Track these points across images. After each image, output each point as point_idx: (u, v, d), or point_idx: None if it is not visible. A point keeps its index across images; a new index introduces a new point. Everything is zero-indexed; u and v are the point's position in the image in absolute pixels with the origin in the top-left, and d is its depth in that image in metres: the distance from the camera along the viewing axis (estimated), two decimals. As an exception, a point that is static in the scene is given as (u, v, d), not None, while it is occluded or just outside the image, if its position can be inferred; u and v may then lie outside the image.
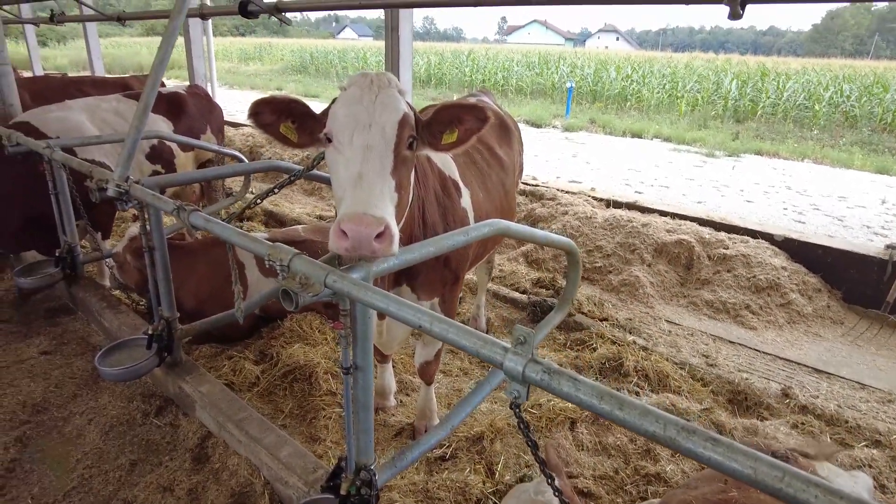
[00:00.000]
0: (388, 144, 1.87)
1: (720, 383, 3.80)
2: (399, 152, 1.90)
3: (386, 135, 1.88)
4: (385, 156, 1.86)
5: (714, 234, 5.76)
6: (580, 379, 1.20)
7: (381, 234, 1.67)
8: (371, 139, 1.85)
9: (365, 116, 1.87)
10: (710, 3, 1.66)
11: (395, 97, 1.94)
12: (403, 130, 1.91)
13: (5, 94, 4.95)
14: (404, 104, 1.97)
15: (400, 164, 1.90)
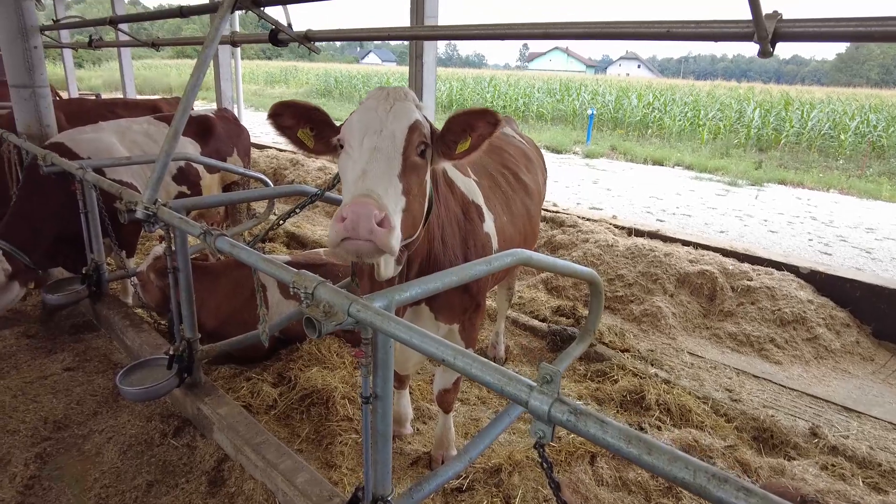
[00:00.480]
0: (396, 148, 1.88)
1: (744, 419, 3.70)
2: (408, 157, 1.89)
3: (395, 139, 1.89)
4: (392, 158, 1.86)
5: (737, 266, 5.67)
6: (607, 421, 1.17)
7: (381, 221, 1.64)
8: (380, 142, 1.87)
9: (377, 123, 1.91)
10: (740, 40, 1.66)
11: (408, 107, 1.97)
12: (413, 135, 1.91)
13: (42, 116, 5.10)
14: (417, 113, 1.99)
15: (409, 169, 1.89)
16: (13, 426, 3.24)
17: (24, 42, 4.86)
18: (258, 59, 67.05)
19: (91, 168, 3.86)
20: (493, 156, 3.24)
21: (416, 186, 1.93)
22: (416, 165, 1.93)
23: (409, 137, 1.90)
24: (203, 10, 4.30)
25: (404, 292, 1.82)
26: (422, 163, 1.97)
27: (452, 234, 2.44)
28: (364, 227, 1.61)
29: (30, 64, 4.95)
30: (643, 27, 1.98)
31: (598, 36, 2.05)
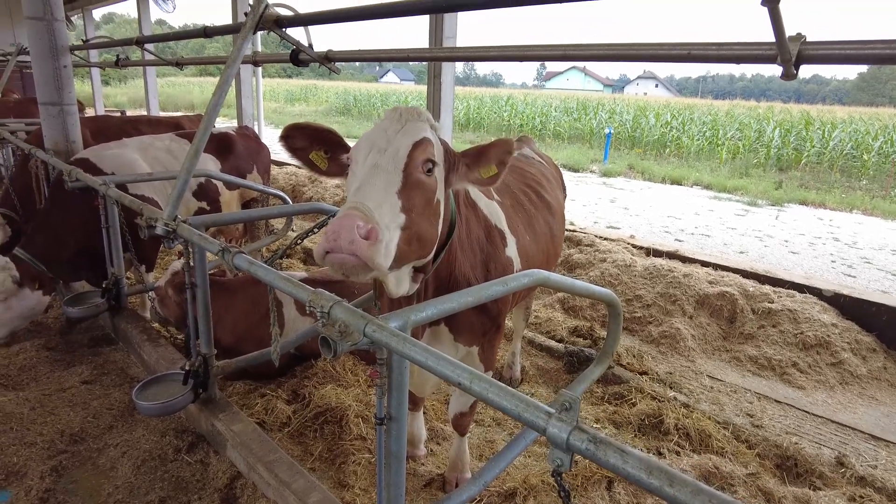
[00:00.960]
0: (397, 164, 1.84)
1: (767, 446, 3.60)
2: (410, 173, 1.84)
3: (398, 156, 1.85)
4: (392, 174, 1.81)
5: (758, 287, 5.57)
6: (628, 451, 1.14)
7: (367, 233, 1.57)
8: (381, 159, 1.84)
9: (383, 141, 1.90)
10: (763, 63, 1.64)
11: (417, 126, 1.95)
12: (417, 152, 1.87)
13: (69, 132, 5.22)
14: (427, 132, 1.96)
15: (411, 186, 1.83)
16: (31, 438, 3.27)
17: (55, 61, 5.00)
18: (279, 78, 68.29)
19: (114, 184, 3.93)
20: (514, 175, 3.24)
21: (420, 204, 1.86)
22: (420, 183, 1.87)
23: (412, 154, 1.87)
24: (226, 31, 4.39)
25: (420, 312, 1.81)
26: (428, 181, 1.90)
27: (473, 257, 2.42)
28: (345, 239, 1.54)
29: (59, 82, 5.08)
30: (663, 49, 1.97)
31: (618, 58, 2.04)
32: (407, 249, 1.82)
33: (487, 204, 2.65)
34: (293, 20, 3.04)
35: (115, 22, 75.16)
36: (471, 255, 2.42)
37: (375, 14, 2.65)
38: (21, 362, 4.11)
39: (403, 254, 1.80)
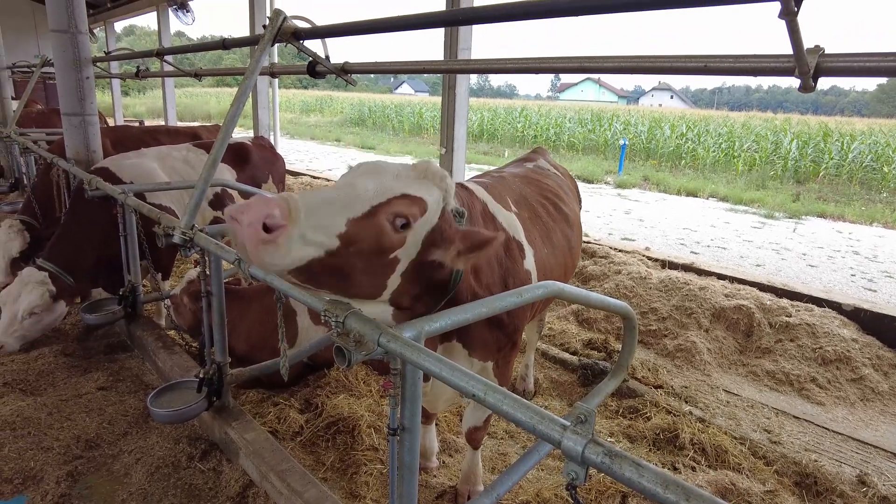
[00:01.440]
0: (372, 198, 1.66)
1: (785, 463, 3.53)
2: (376, 213, 1.65)
3: (380, 192, 1.69)
4: (359, 202, 1.64)
5: (775, 301, 5.50)
6: (644, 464, 1.13)
7: (272, 227, 1.42)
8: (363, 183, 1.70)
9: (386, 174, 1.79)
10: (781, 75, 1.63)
11: (428, 187, 1.81)
12: (400, 203, 1.69)
13: (90, 142, 5.32)
14: (431, 197, 1.78)
15: (367, 225, 1.63)
16: (47, 443, 3.30)
17: (78, 72, 5.10)
18: (294, 89, 69.08)
19: (132, 193, 3.99)
20: (532, 187, 3.24)
21: (366, 248, 1.65)
22: (380, 229, 1.65)
23: (395, 200, 1.69)
24: (244, 43, 4.46)
25: (434, 322, 1.81)
26: (391, 234, 1.68)
27: (491, 274, 2.39)
28: (249, 217, 1.39)
29: (81, 93, 5.18)
30: (680, 61, 1.96)
31: (635, 70, 2.04)
32: (326, 279, 1.65)
33: (506, 216, 2.65)
34: (311, 32, 3.08)
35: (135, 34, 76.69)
36: (488, 273, 2.38)
37: (392, 27, 2.67)
38: (39, 368, 4.16)
39: (319, 280, 1.65)
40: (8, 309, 4.06)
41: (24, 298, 4.03)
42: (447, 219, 1.87)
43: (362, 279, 1.72)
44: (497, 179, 3.04)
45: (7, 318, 4.05)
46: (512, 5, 2.20)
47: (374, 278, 1.76)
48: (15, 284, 4.10)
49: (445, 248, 1.84)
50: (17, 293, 4.05)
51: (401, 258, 1.77)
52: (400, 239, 1.71)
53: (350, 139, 28.53)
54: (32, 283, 4.07)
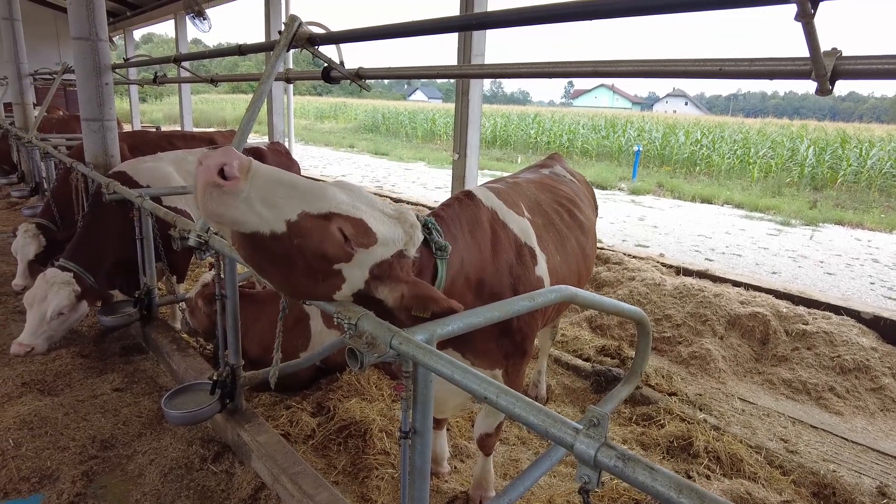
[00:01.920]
0: (332, 202, 1.69)
1: (802, 473, 3.47)
2: (331, 218, 1.67)
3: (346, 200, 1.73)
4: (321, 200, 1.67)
5: (792, 309, 5.43)
6: (657, 468, 1.12)
7: (230, 175, 1.45)
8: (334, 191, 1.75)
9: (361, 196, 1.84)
10: (797, 78, 1.61)
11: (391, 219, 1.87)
12: (354, 223, 1.71)
13: (108, 147, 5.41)
14: (384, 228, 1.81)
15: (319, 224, 1.65)
16: (64, 443, 3.34)
17: (98, 79, 5.19)
18: (309, 95, 69.67)
19: (149, 196, 4.04)
20: (546, 193, 3.22)
21: (311, 245, 1.65)
22: (328, 234, 1.66)
23: (354, 218, 1.72)
24: (260, 49, 4.51)
25: (446, 326, 1.81)
26: (338, 245, 1.68)
27: (499, 283, 2.38)
28: (212, 161, 1.44)
29: (101, 99, 5.27)
30: (695, 65, 1.95)
31: (649, 74, 2.03)
32: (267, 265, 1.68)
33: (518, 222, 2.64)
34: (325, 38, 3.11)
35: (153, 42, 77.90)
36: (494, 282, 2.37)
37: (406, 32, 2.69)
38: (57, 369, 4.22)
39: (261, 264, 1.68)
40: (35, 310, 4.07)
41: (52, 299, 4.05)
42: (401, 262, 1.88)
43: (304, 280, 1.73)
44: (511, 185, 3.03)
45: (35, 320, 4.05)
46: (527, 9, 2.20)
47: (317, 285, 1.76)
48: (40, 286, 4.11)
49: (391, 288, 1.84)
50: (44, 294, 4.06)
51: (346, 277, 1.77)
52: (345, 253, 1.71)
53: (364, 145, 28.70)
54: (58, 283, 4.11)
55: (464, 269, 2.24)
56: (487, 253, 2.38)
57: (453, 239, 2.20)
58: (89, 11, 5.03)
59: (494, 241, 2.43)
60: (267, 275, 1.75)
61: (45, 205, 5.70)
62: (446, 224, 2.25)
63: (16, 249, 5.18)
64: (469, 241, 2.31)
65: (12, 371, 4.07)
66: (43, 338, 4.07)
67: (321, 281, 1.75)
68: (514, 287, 2.44)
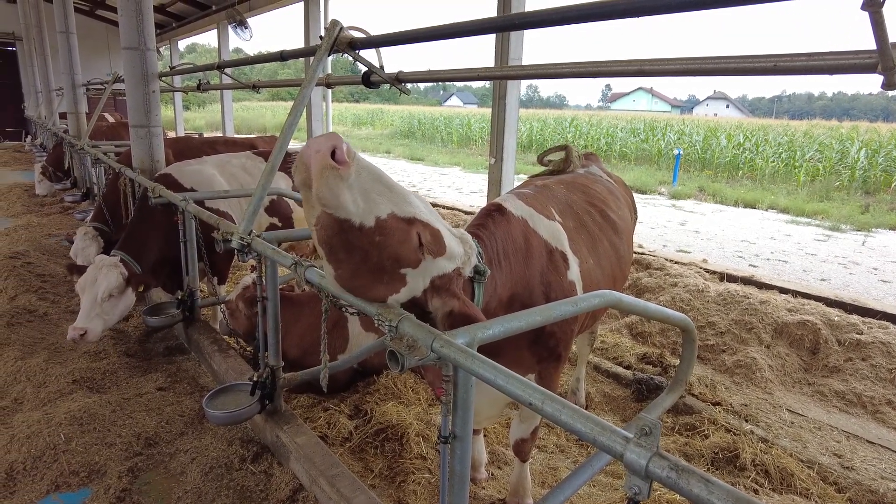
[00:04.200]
0: (410, 205, 1.81)
1: (859, 490, 3.31)
2: (412, 223, 1.78)
3: (417, 206, 1.84)
4: (410, 205, 1.80)
5: (844, 317, 5.19)
6: (714, 480, 1.06)
7: (339, 160, 1.59)
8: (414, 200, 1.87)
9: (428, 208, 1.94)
10: (861, 72, 1.53)
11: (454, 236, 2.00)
12: (426, 227, 1.82)
13: (154, 152, 5.58)
14: (453, 242, 1.94)
15: (400, 227, 1.76)
16: (111, 439, 3.43)
17: (145, 87, 5.37)
18: (346, 102, 70.73)
19: (193, 200, 4.14)
20: (577, 194, 3.16)
21: (392, 242, 1.74)
22: (405, 235, 1.76)
23: (428, 223, 1.84)
24: (302, 54, 4.58)
25: (487, 329, 1.77)
26: (412, 250, 1.78)
27: (531, 293, 2.36)
28: (319, 146, 1.57)
29: (148, 106, 5.44)
30: (746, 62, 1.88)
31: (698, 72, 1.97)
32: (344, 254, 1.74)
33: (549, 226, 2.59)
34: (366, 42, 3.12)
35: (196, 51, 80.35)
36: (527, 292, 2.36)
37: (447, 34, 2.68)
38: (104, 367, 4.35)
39: (338, 252, 1.74)
40: (87, 294, 4.19)
41: (102, 281, 4.18)
42: (458, 279, 1.97)
43: (368, 277, 1.81)
44: (540, 188, 2.97)
45: (88, 303, 4.17)
46: (567, 8, 2.16)
47: (378, 285, 1.83)
48: (90, 271, 4.24)
49: (444, 302, 1.90)
50: (94, 278, 4.20)
51: (408, 280, 1.84)
52: (416, 258, 1.80)
53: (400, 151, 28.91)
54: (106, 266, 4.24)
55: (497, 292, 2.25)
56: (519, 267, 2.36)
57: (489, 262, 2.22)
58: (139, 23, 5.21)
59: (527, 253, 2.40)
60: (338, 263, 1.79)
61: (96, 209, 5.91)
62: (484, 245, 2.27)
63: (75, 253, 5.38)
64: (503, 263, 2.31)
65: (64, 369, 4.21)
66: (96, 321, 4.18)
67: (385, 282, 1.82)
68: (546, 294, 2.40)
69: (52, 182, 10.34)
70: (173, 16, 20.72)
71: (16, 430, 3.42)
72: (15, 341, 4.63)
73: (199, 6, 18.33)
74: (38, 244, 7.37)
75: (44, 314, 5.29)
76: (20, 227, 8.74)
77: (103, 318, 4.22)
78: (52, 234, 8.32)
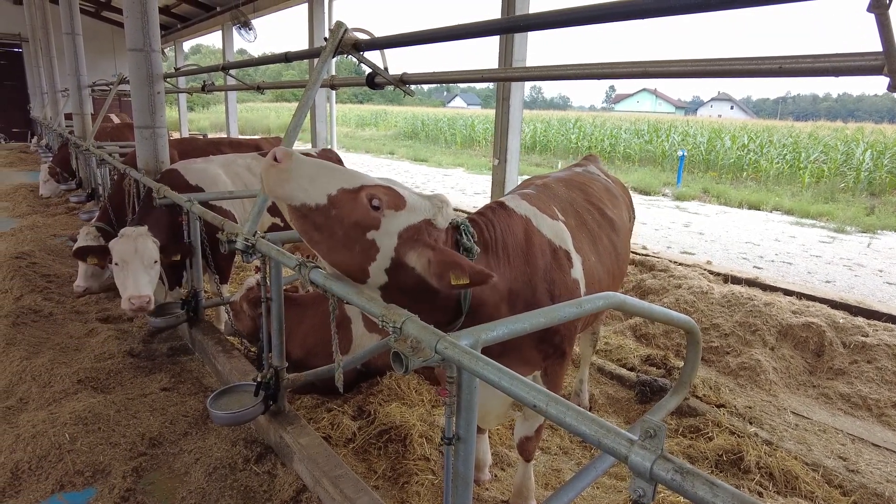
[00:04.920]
0: (357, 177, 2.01)
1: (865, 494, 3.29)
2: (360, 189, 1.97)
3: (359, 176, 2.03)
4: (349, 175, 2.00)
5: (850, 319, 5.17)
6: (719, 483, 1.06)
7: (279, 160, 1.87)
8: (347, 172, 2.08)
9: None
10: (866, 74, 1.53)
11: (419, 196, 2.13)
12: (378, 188, 1.99)
13: (159, 153, 5.59)
14: (413, 197, 2.07)
15: (349, 196, 1.95)
16: (115, 439, 3.44)
17: (150, 88, 5.39)
18: (350, 104, 70.83)
19: (197, 201, 4.15)
20: (577, 192, 3.17)
21: (347, 216, 1.93)
22: (358, 202, 1.94)
23: (376, 184, 2.01)
24: (306, 55, 4.59)
25: (491, 331, 1.78)
26: (367, 210, 1.95)
27: (534, 290, 2.37)
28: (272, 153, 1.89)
29: (153, 107, 5.46)
30: (751, 64, 1.87)
31: (703, 74, 1.96)
32: (315, 234, 1.95)
33: (552, 226, 2.60)
34: (370, 44, 3.13)
35: (201, 52, 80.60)
36: (529, 289, 2.36)
37: (452, 36, 2.68)
38: (109, 367, 4.36)
39: (311, 234, 1.96)
40: (133, 264, 4.16)
41: (142, 249, 4.18)
42: (430, 230, 2.05)
43: (343, 251, 1.97)
44: (541, 188, 2.98)
45: (139, 271, 4.16)
46: (574, 10, 2.16)
47: (354, 255, 1.97)
48: (124, 243, 4.19)
49: (418, 253, 1.98)
50: (133, 248, 4.17)
51: (379, 245, 1.96)
52: (373, 219, 1.95)
53: (403, 152, 28.91)
54: (140, 235, 4.23)
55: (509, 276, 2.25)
56: (519, 262, 2.36)
57: (485, 247, 2.25)
58: (144, 24, 5.23)
59: (528, 250, 2.41)
60: (315, 244, 2.00)
61: (101, 209, 5.93)
62: (480, 229, 2.29)
63: None
64: (500, 253, 2.31)
65: (69, 369, 4.23)
66: (150, 287, 4.22)
67: (359, 251, 1.97)
68: (550, 292, 2.41)
69: (58, 183, 10.38)
70: (178, 17, 20.80)
71: (21, 429, 3.43)
72: (20, 341, 4.65)
73: (203, 7, 18.39)
74: (43, 244, 7.40)
75: (49, 314, 5.31)
76: (25, 227, 8.78)
77: (153, 283, 4.23)
78: (57, 234, 8.36)
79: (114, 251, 4.19)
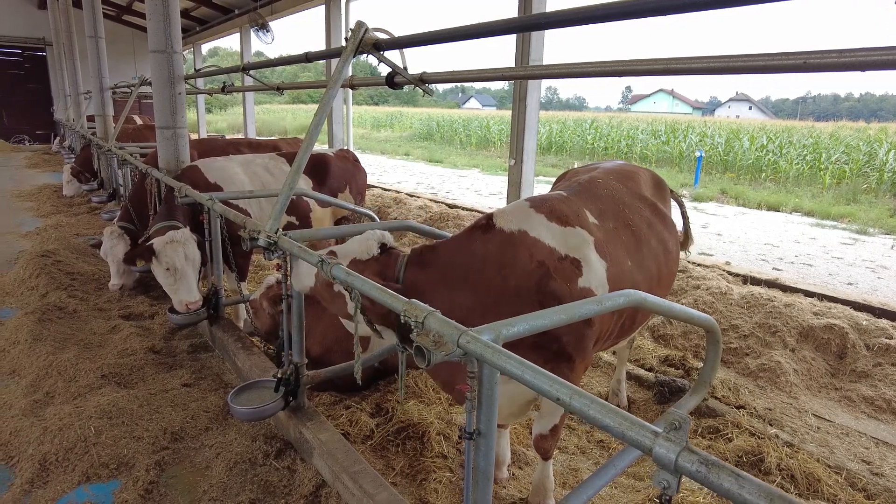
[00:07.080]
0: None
1: (890, 497, 3.24)
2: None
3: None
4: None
5: (873, 321, 5.09)
6: (744, 475, 1.06)
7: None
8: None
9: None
10: (894, 69, 1.52)
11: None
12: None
13: (180, 153, 5.68)
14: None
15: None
16: (138, 433, 3.50)
17: (171, 89, 5.47)
18: (366, 105, 71.11)
19: (218, 200, 4.21)
20: (627, 187, 3.11)
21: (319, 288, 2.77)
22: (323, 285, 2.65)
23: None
24: (327, 56, 4.64)
25: (512, 327, 1.78)
26: (325, 284, 2.72)
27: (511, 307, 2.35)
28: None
29: (174, 108, 5.55)
30: (775, 59, 1.86)
31: (725, 70, 1.95)
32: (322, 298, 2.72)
33: (561, 233, 2.57)
34: (390, 43, 3.16)
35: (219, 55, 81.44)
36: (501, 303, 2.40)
37: (472, 34, 2.70)
38: (132, 363, 4.44)
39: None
40: (184, 270, 4.41)
41: (192, 253, 4.44)
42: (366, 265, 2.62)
43: (333, 304, 2.73)
44: (579, 187, 2.93)
45: (190, 277, 4.45)
46: (593, 7, 2.17)
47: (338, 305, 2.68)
48: (175, 249, 4.36)
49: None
50: (183, 254, 4.38)
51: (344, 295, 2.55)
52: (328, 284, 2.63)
53: (418, 153, 28.96)
54: (188, 240, 4.43)
55: (457, 303, 2.44)
56: (488, 280, 2.41)
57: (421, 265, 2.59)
58: (166, 26, 5.31)
59: (505, 265, 2.44)
60: (323, 302, 2.75)
61: (122, 209, 6.03)
62: (412, 263, 2.61)
63: (105, 252, 5.50)
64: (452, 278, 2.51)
65: (93, 364, 4.31)
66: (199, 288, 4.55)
67: (339, 303, 2.61)
68: (541, 304, 2.39)
69: (80, 183, 10.57)
70: (196, 20, 21.07)
71: (48, 422, 3.51)
72: (46, 337, 4.75)
73: (221, 10, 18.61)
74: (67, 243, 7.54)
75: (73, 311, 5.41)
76: (50, 226, 8.95)
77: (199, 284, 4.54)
78: (80, 233, 8.51)
79: (165, 257, 4.34)
